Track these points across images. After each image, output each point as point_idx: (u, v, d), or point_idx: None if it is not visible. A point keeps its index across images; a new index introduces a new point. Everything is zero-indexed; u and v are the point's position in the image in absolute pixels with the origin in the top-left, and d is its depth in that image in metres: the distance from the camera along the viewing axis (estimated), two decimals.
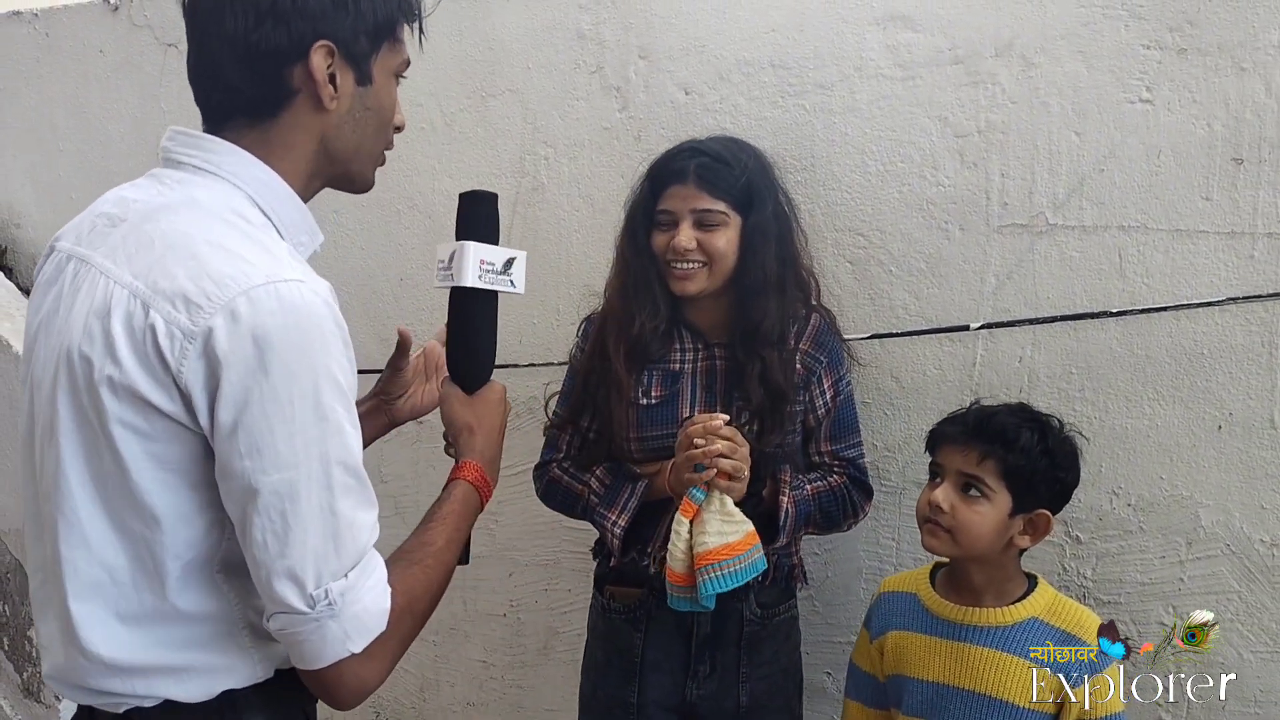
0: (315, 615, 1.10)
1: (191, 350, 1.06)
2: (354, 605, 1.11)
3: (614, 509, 1.90)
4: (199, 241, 1.11)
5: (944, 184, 2.05)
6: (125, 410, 1.09)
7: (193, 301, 1.07)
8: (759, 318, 1.86)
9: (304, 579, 1.09)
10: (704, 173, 1.85)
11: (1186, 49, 1.85)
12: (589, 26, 2.40)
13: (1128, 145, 1.90)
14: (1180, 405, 1.91)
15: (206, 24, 1.19)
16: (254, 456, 1.06)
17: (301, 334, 1.07)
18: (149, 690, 1.16)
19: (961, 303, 2.06)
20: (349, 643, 1.12)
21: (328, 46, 1.19)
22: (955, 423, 1.73)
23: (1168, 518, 1.94)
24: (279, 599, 1.09)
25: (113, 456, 1.10)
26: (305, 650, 1.12)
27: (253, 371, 1.06)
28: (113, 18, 3.14)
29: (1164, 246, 1.89)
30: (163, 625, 1.15)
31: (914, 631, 1.76)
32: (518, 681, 2.69)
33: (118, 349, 1.08)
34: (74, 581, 1.14)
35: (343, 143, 1.26)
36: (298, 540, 1.08)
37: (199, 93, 1.24)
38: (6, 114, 3.43)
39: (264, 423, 1.06)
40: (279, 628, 1.11)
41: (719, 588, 1.76)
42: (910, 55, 2.06)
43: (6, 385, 3.00)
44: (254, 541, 1.08)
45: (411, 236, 2.65)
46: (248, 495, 1.08)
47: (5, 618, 3.08)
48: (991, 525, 1.66)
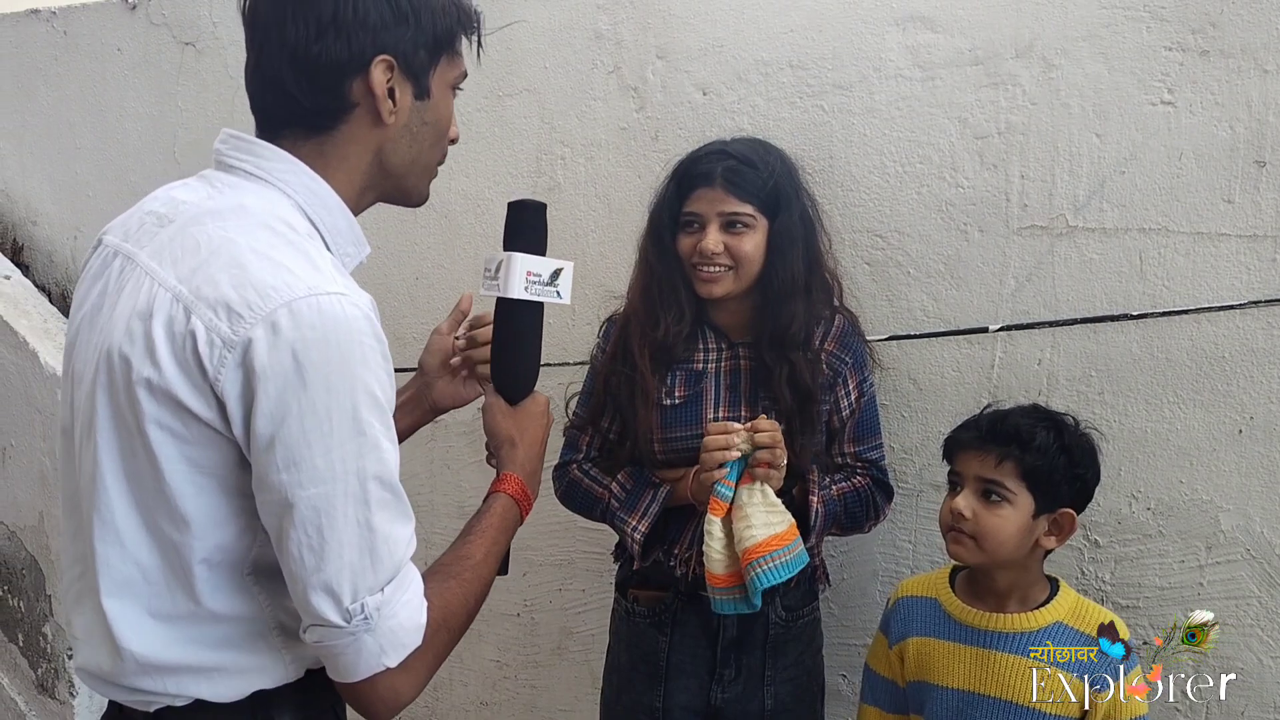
0: (351, 629, 1.09)
1: (230, 359, 1.06)
2: (390, 620, 1.11)
3: (635, 514, 1.89)
4: (244, 249, 1.10)
5: (963, 185, 2.04)
6: (162, 413, 1.09)
7: (234, 310, 1.06)
8: (786, 321, 1.85)
9: (340, 593, 1.09)
10: (731, 175, 1.84)
11: (1209, 51, 1.84)
12: (607, 26, 2.40)
13: (1149, 147, 1.89)
14: (1200, 409, 1.90)
15: (267, 32, 1.19)
16: (291, 470, 1.06)
17: (341, 348, 1.07)
18: (180, 689, 1.16)
19: (980, 305, 2.05)
20: (384, 657, 1.11)
21: (388, 61, 1.19)
22: (969, 429, 1.72)
23: (1187, 521, 1.93)
24: (315, 612, 1.09)
25: (147, 457, 1.10)
26: (341, 663, 1.12)
27: (291, 385, 1.05)
28: (131, 16, 3.15)
29: (1185, 249, 1.88)
30: (194, 625, 1.15)
31: (937, 638, 1.75)
32: (531, 681, 2.69)
33: (157, 352, 1.08)
34: (107, 578, 1.14)
35: (399, 156, 1.26)
36: (334, 555, 1.08)
37: (255, 99, 1.23)
38: (24, 112, 3.44)
39: (301, 437, 1.06)
40: (315, 640, 1.11)
41: (771, 580, 1.73)
42: (930, 56, 2.05)
43: (24, 383, 3.01)
44: (290, 555, 1.08)
45: (427, 236, 2.65)
46: (284, 509, 1.07)
47: (20, 614, 3.09)
48: (1015, 528, 1.65)
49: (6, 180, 3.53)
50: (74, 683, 2.95)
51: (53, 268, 3.44)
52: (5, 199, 3.54)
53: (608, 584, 2.35)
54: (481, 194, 2.59)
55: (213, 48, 2.99)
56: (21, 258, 3.49)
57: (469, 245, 2.62)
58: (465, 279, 2.64)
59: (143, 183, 3.15)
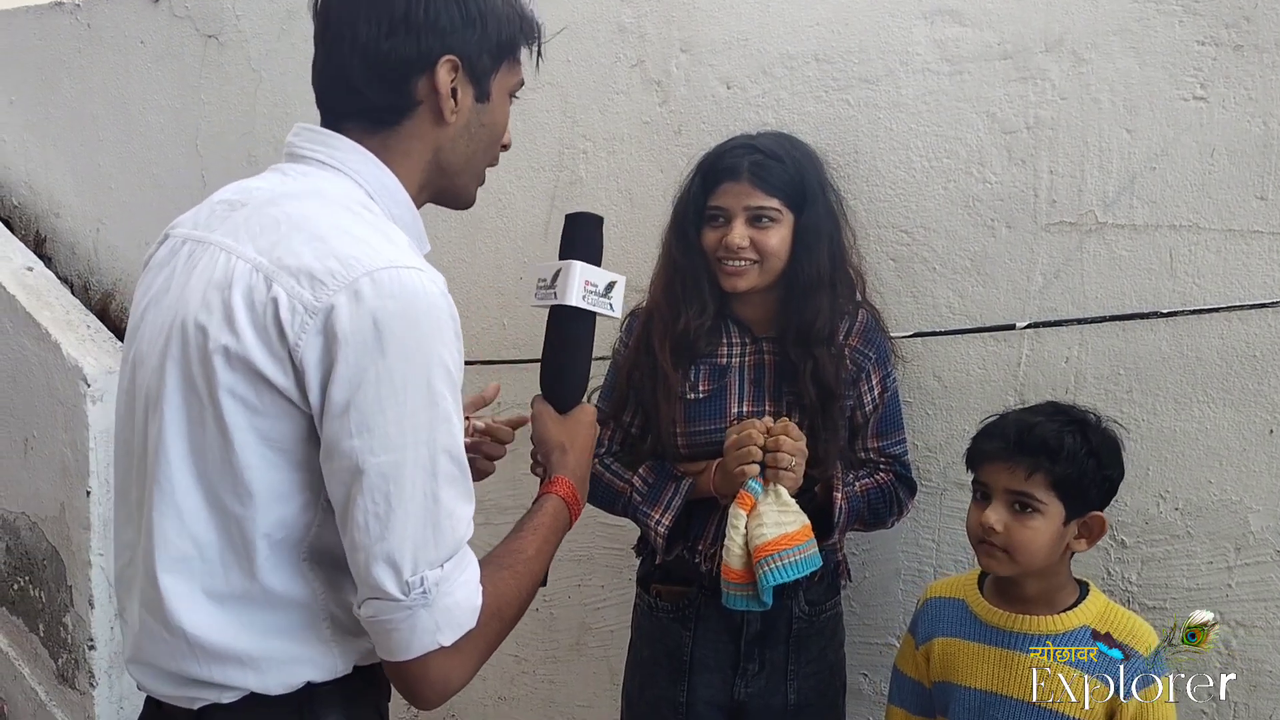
0: (409, 603, 1.09)
1: (311, 325, 1.08)
2: (447, 597, 1.11)
3: (657, 508, 1.89)
4: (325, 224, 1.14)
5: (991, 181, 2.02)
6: (237, 381, 1.10)
7: (317, 278, 1.08)
8: (811, 316, 1.85)
9: (401, 565, 1.08)
10: (758, 170, 1.84)
11: (1242, 45, 1.82)
12: (630, 20, 2.39)
13: (1180, 143, 1.87)
14: (1231, 408, 1.87)
15: (339, 29, 1.22)
16: (363, 436, 1.07)
17: (420, 320, 1.09)
18: (228, 679, 1.16)
19: (1007, 302, 2.03)
20: (439, 634, 1.11)
21: (453, 61, 1.22)
22: (994, 438, 1.68)
23: (1216, 522, 1.90)
24: (374, 584, 1.09)
25: (217, 427, 1.11)
26: (394, 640, 1.11)
27: (370, 351, 1.07)
28: (154, 9, 3.16)
29: (1216, 246, 1.86)
30: (248, 608, 1.15)
31: (962, 638, 1.74)
32: (550, 676, 2.69)
33: (236, 320, 1.10)
34: (163, 553, 1.15)
35: (456, 156, 1.29)
36: (398, 524, 1.08)
37: (322, 94, 1.27)
38: (48, 104, 3.45)
39: (376, 403, 1.07)
40: (370, 614, 1.11)
41: (779, 579, 1.74)
42: (958, 50, 2.03)
43: (46, 374, 3.02)
44: (355, 523, 1.09)
45: (449, 230, 2.65)
46: (353, 475, 1.08)
47: (41, 604, 3.11)
48: (1047, 538, 1.63)
49: (30, 172, 3.55)
50: (94, 673, 2.96)
51: (75, 260, 3.46)
52: (28, 191, 3.56)
53: (627, 580, 2.34)
54: (504, 188, 2.58)
55: (235, 40, 2.99)
56: (44, 249, 3.51)
57: (490, 240, 2.62)
58: (486, 273, 2.63)
59: (165, 175, 3.16)
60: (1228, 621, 1.90)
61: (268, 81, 2.94)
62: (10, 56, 3.52)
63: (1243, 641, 1.89)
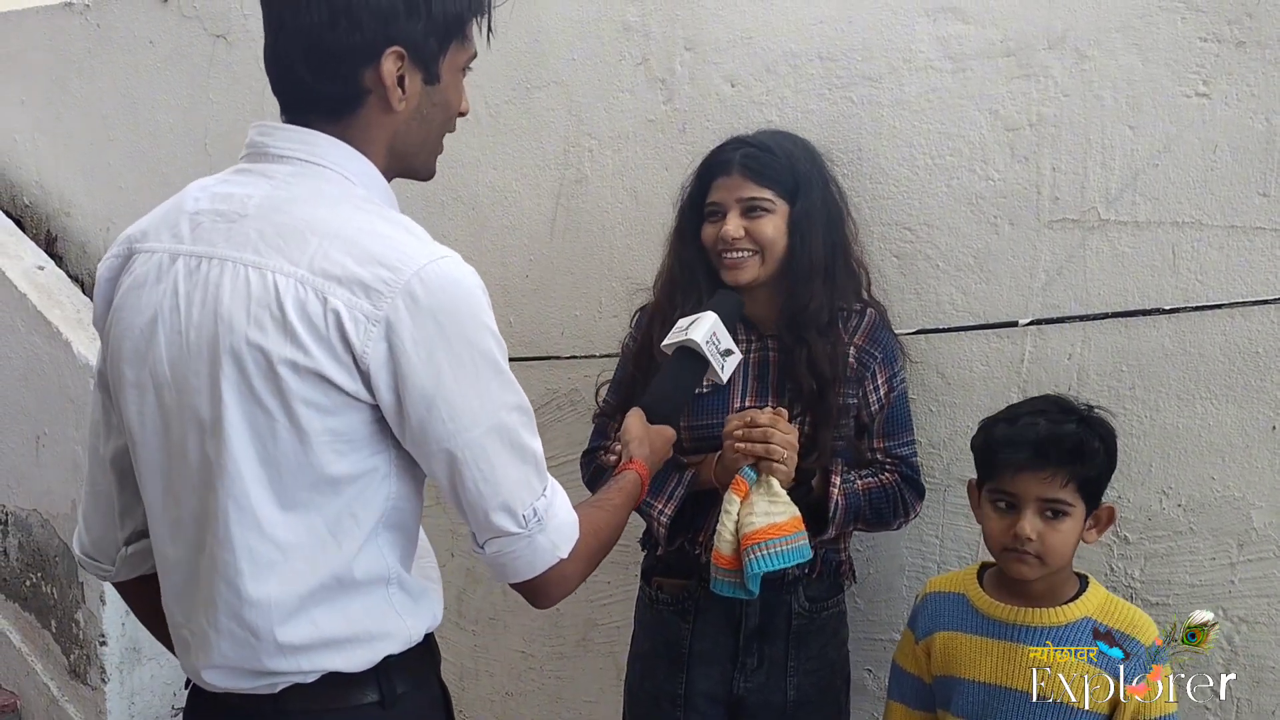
0: (528, 532, 1.24)
1: (375, 332, 1.14)
2: (554, 518, 1.26)
3: (660, 497, 1.90)
4: (353, 229, 1.17)
5: (993, 178, 2.03)
6: (308, 389, 1.16)
7: (370, 287, 1.14)
8: (804, 301, 1.87)
9: (515, 508, 1.23)
10: (749, 162, 1.87)
11: (1245, 42, 1.82)
12: (635, 18, 2.39)
13: (1183, 140, 1.87)
14: (1234, 405, 1.87)
15: (282, 16, 1.22)
16: (455, 420, 1.18)
17: (468, 303, 1.19)
18: (314, 665, 1.23)
19: (1010, 299, 2.03)
20: (557, 550, 1.26)
21: (398, 52, 1.22)
22: (1019, 447, 1.65)
23: (1219, 519, 1.91)
24: (497, 527, 1.23)
25: (293, 434, 1.17)
26: (521, 563, 1.25)
27: (438, 346, 1.16)
28: (163, 9, 3.17)
29: (1219, 243, 1.86)
30: (334, 596, 1.22)
31: (964, 632, 1.75)
32: (556, 672, 2.70)
33: (298, 335, 1.15)
34: (249, 563, 1.20)
35: (410, 139, 1.30)
36: (504, 478, 1.22)
37: (274, 83, 1.26)
38: (58, 104, 3.48)
39: (457, 389, 1.17)
40: (496, 550, 1.25)
41: (763, 567, 1.76)
42: (960, 47, 2.04)
43: (57, 372, 3.05)
44: (468, 490, 1.22)
45: (455, 228, 2.66)
46: (454, 454, 1.20)
47: (53, 600, 3.13)
48: (1075, 538, 1.66)
49: (40, 172, 3.57)
50: (105, 669, 2.99)
51: (85, 258, 3.48)
52: (39, 190, 3.58)
53: (633, 575, 2.35)
54: (509, 186, 2.59)
55: (244, 40, 3.01)
56: (55, 248, 3.54)
57: (496, 236, 2.63)
58: (492, 270, 2.64)
59: (174, 174, 3.18)
60: (1230, 618, 1.90)
61: None
62: (21, 57, 3.54)
63: (1245, 638, 1.90)
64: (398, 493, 1.25)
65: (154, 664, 3.07)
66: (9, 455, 3.22)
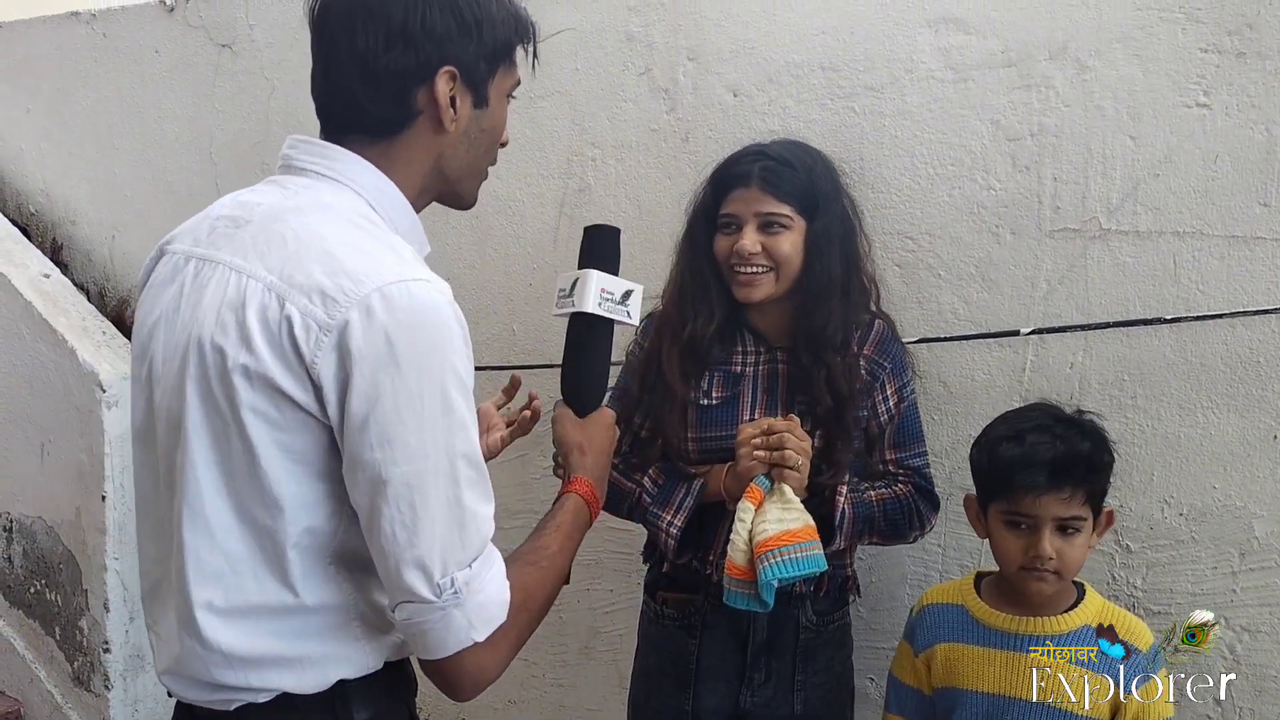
0: (441, 604, 1.13)
1: (326, 342, 1.11)
2: (478, 594, 1.15)
3: (669, 509, 1.87)
4: (332, 241, 1.16)
5: (995, 187, 2.04)
6: (258, 398, 1.13)
7: (329, 296, 1.11)
8: (822, 322, 1.84)
9: (431, 568, 1.13)
10: (768, 175, 1.82)
11: (1245, 53, 1.83)
12: (638, 28, 2.41)
13: (1184, 150, 1.88)
14: (1235, 414, 1.88)
15: (336, 40, 1.23)
16: (385, 448, 1.11)
17: (431, 331, 1.12)
18: (264, 682, 1.20)
19: (1012, 308, 2.04)
20: (473, 631, 1.15)
21: (451, 71, 1.24)
22: (1035, 470, 1.64)
23: (1220, 528, 1.91)
24: (407, 588, 1.13)
25: (242, 444, 1.14)
26: (430, 640, 1.15)
27: (385, 366, 1.10)
28: (169, 19, 3.19)
29: (1220, 253, 1.87)
30: (282, 615, 1.19)
31: (965, 643, 1.75)
32: (559, 680, 2.70)
33: (253, 339, 1.12)
34: (196, 570, 1.18)
35: (457, 162, 1.30)
36: (425, 531, 1.12)
37: (322, 106, 1.28)
38: (64, 112, 3.49)
39: (395, 416, 1.10)
40: (405, 618, 1.15)
41: (778, 574, 1.71)
42: (962, 58, 2.05)
43: (62, 380, 3.06)
44: (382, 532, 1.12)
45: (459, 237, 2.67)
46: (377, 486, 1.12)
47: (57, 607, 3.14)
48: (1086, 549, 1.68)
49: (46, 180, 3.58)
50: (109, 676, 2.99)
51: (91, 266, 3.49)
52: (45, 199, 3.59)
53: (635, 584, 2.36)
54: (513, 195, 2.60)
55: (249, 50, 3.02)
56: (60, 256, 3.55)
57: (500, 246, 2.64)
58: (496, 279, 2.65)
59: (180, 183, 3.19)
60: (1232, 627, 1.90)
61: (280, 90, 2.97)
62: (27, 66, 3.56)
63: (1247, 646, 1.90)
64: (348, 528, 1.19)
65: None
66: (14, 462, 3.23)
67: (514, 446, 2.53)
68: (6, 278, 3.22)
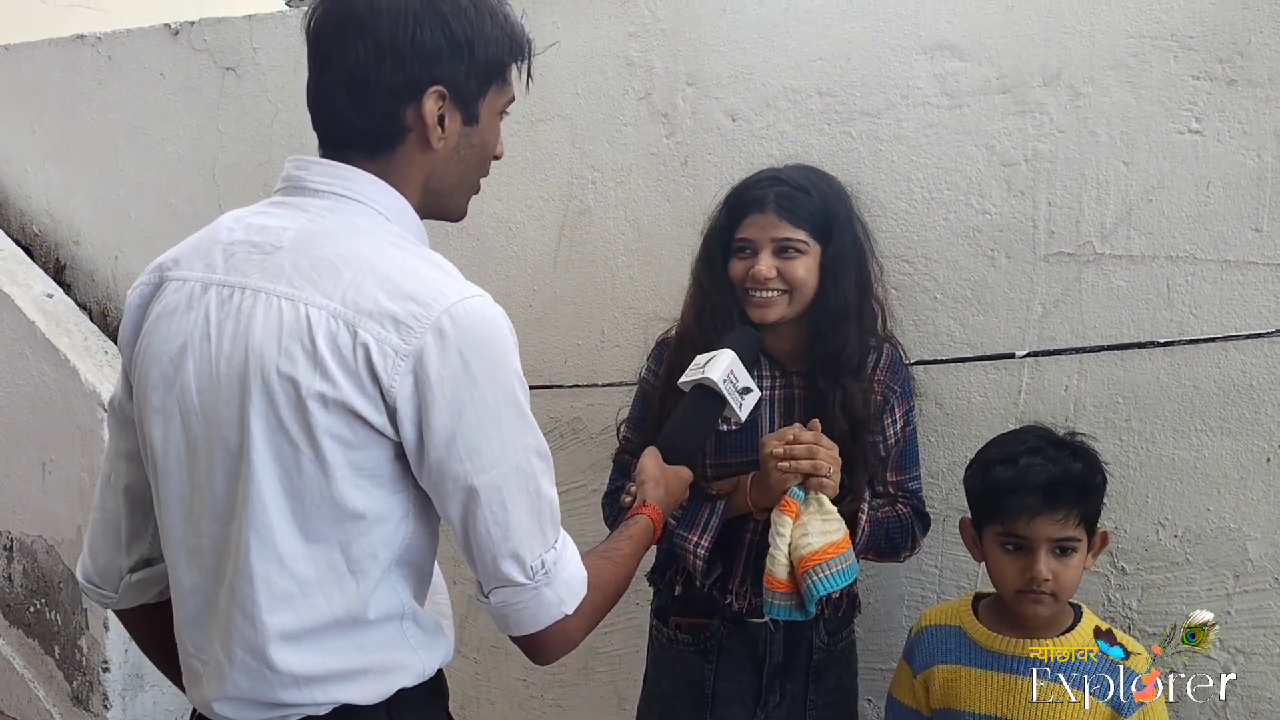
0: (534, 584, 1.22)
1: (403, 367, 1.15)
2: (563, 572, 1.25)
3: (694, 530, 1.86)
4: (386, 265, 1.19)
5: (990, 212, 2.06)
6: (335, 423, 1.16)
7: (402, 322, 1.15)
8: (839, 347, 1.84)
9: (524, 557, 1.22)
10: (783, 201, 1.83)
11: (1237, 80, 1.85)
12: (638, 53, 2.43)
13: (1176, 175, 1.90)
14: (1229, 437, 1.89)
15: (327, 55, 1.24)
16: (473, 459, 1.18)
17: (496, 343, 1.20)
18: (328, 697, 1.23)
19: (1007, 331, 2.06)
20: (563, 605, 1.25)
21: (440, 91, 1.24)
22: (1029, 492, 1.66)
23: (1215, 550, 1.92)
24: (504, 576, 1.22)
25: (318, 468, 1.17)
26: (524, 617, 1.24)
27: (463, 383, 1.16)
28: (173, 42, 3.22)
29: (1213, 277, 1.88)
30: (349, 631, 1.23)
31: (964, 665, 1.76)
32: (557, 700, 2.71)
33: (328, 368, 1.15)
34: (267, 595, 1.20)
35: (446, 178, 1.31)
36: (516, 525, 1.21)
37: (315, 119, 1.28)
38: (69, 134, 3.52)
39: (478, 428, 1.18)
40: (500, 600, 1.24)
41: (826, 588, 1.72)
42: (957, 84, 2.07)
43: (64, 399, 3.07)
44: (479, 533, 1.21)
45: (459, 258, 2.66)
46: (469, 494, 1.19)
47: (57, 626, 3.14)
48: (1082, 569, 1.69)
49: (50, 201, 3.61)
50: (108, 695, 2.99)
51: (94, 286, 3.51)
52: (49, 219, 3.62)
53: (634, 604, 2.36)
54: (513, 217, 2.62)
55: (253, 73, 3.05)
56: (64, 276, 3.57)
57: (500, 267, 2.66)
58: (496, 300, 2.66)
59: (183, 204, 3.21)
60: (1227, 649, 1.91)
61: (284, 113, 2.99)
62: (33, 87, 3.59)
63: (1242, 669, 1.91)
64: (415, 531, 1.25)
65: (156, 691, 3.07)
66: (15, 481, 3.24)
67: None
68: (10, 297, 3.24)
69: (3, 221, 3.70)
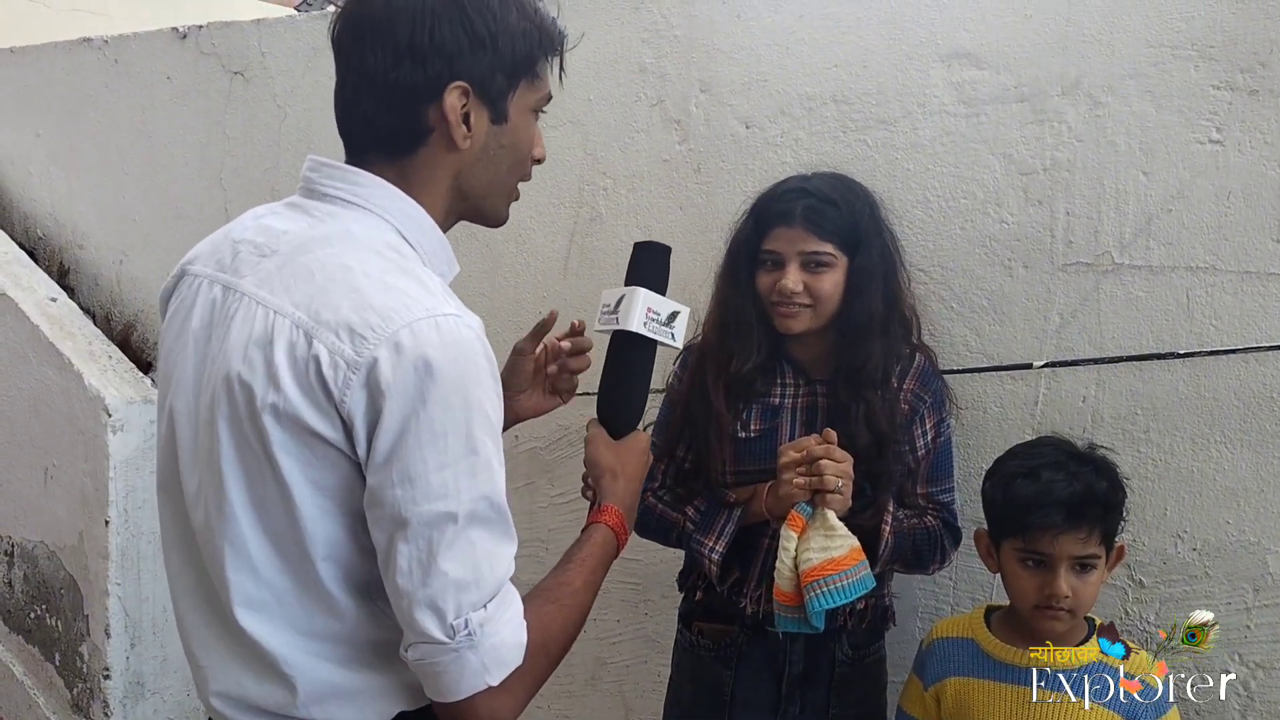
0: (455, 645, 1.10)
1: (355, 380, 1.08)
2: (492, 637, 1.12)
3: (710, 535, 1.86)
4: (359, 274, 1.13)
5: (1008, 221, 2.04)
6: (287, 437, 1.11)
7: (357, 333, 1.09)
8: (863, 359, 1.83)
9: (444, 609, 1.09)
10: (811, 215, 1.81)
11: (1258, 90, 1.84)
12: (651, 60, 2.42)
13: (1196, 186, 1.89)
14: (1248, 449, 1.88)
15: (349, 59, 1.21)
16: (405, 486, 1.08)
17: (458, 367, 1.09)
18: (326, 715, 1.18)
19: (1024, 341, 2.04)
20: (486, 675, 1.12)
21: (462, 87, 1.19)
22: (1052, 509, 1.64)
23: (1234, 563, 1.91)
24: (419, 628, 1.10)
25: (276, 482, 1.12)
26: (443, 682, 1.12)
27: (412, 402, 1.07)
28: (180, 45, 3.21)
29: (1233, 288, 1.87)
30: (337, 643, 1.18)
31: (977, 678, 1.74)
32: (564, 711, 2.68)
33: (280, 378, 1.10)
34: (242, 605, 1.16)
35: (476, 180, 1.27)
36: (440, 570, 1.09)
37: (340, 123, 1.26)
38: (74, 138, 3.50)
39: (418, 453, 1.08)
40: (418, 658, 1.12)
41: (826, 604, 1.71)
42: (975, 92, 2.06)
43: (68, 404, 3.05)
44: (398, 569, 1.10)
45: (469, 265, 2.67)
46: (396, 524, 1.09)
47: (57, 633, 3.12)
48: (1100, 585, 1.68)
49: (55, 205, 3.59)
50: (108, 703, 2.97)
51: (98, 291, 3.50)
52: (53, 223, 3.60)
53: (642, 614, 2.35)
54: (524, 224, 2.61)
55: (260, 77, 3.04)
56: (68, 280, 3.55)
57: (510, 274, 2.64)
58: (505, 308, 2.65)
59: (189, 209, 3.20)
60: (1246, 663, 1.90)
61: (292, 117, 2.98)
62: (38, 91, 3.57)
63: (1261, 684, 1.89)
64: None
65: (157, 698, 3.04)
66: (17, 486, 3.22)
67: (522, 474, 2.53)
68: (14, 301, 3.22)
69: (7, 225, 3.68)
